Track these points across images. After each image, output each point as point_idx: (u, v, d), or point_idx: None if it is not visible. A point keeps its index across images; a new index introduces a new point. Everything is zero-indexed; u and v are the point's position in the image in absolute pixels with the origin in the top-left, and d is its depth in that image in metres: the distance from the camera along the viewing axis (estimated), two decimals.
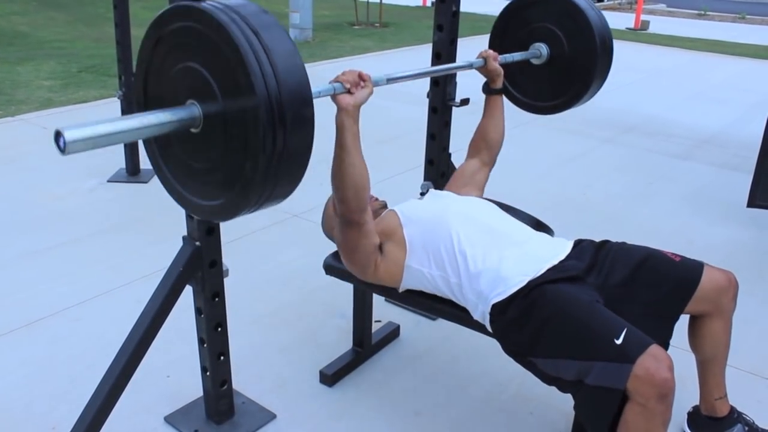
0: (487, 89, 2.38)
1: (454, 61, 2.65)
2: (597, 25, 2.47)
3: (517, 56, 2.49)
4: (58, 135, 1.23)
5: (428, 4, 16.78)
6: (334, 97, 1.73)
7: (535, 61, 2.58)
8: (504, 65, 2.35)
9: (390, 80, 1.94)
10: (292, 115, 1.36)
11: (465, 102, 2.69)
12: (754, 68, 9.57)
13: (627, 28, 13.47)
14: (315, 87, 1.58)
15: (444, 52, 2.63)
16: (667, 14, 17.78)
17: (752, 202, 3.73)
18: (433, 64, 2.66)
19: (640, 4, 14.29)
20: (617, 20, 14.19)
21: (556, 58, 2.55)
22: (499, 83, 2.35)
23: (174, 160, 1.59)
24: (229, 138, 1.41)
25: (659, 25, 14.10)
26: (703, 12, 17.64)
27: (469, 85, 2.44)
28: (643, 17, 14.01)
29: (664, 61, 9.88)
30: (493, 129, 2.38)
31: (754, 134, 4.23)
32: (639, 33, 13.09)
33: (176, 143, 1.55)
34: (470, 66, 2.30)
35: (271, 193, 1.44)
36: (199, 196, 1.56)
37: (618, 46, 2.66)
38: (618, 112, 6.49)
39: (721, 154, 5.38)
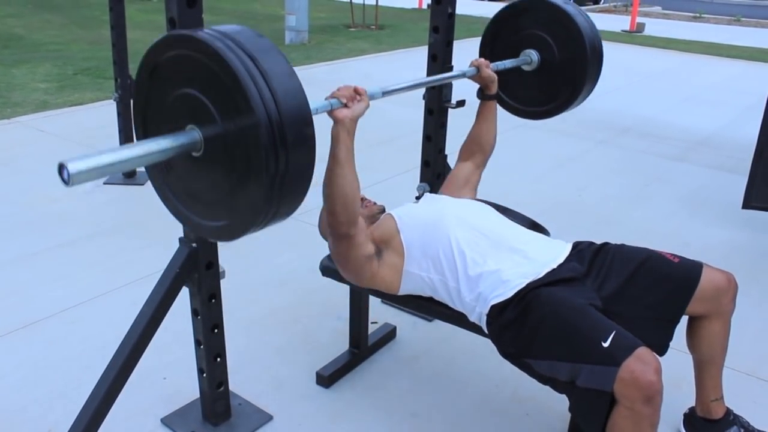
0: (482, 95, 2.39)
1: (450, 62, 2.65)
2: (587, 31, 2.48)
3: (508, 63, 2.51)
4: (61, 167, 1.25)
5: (424, 6, 16.78)
6: (330, 112, 1.74)
7: (525, 68, 2.60)
8: (495, 72, 2.37)
9: (386, 93, 1.95)
10: (293, 135, 1.37)
11: (461, 104, 2.70)
12: (749, 70, 9.61)
13: (622, 31, 13.49)
14: (313, 104, 1.60)
15: (440, 53, 2.63)
16: (663, 17, 17.82)
17: (747, 204, 3.74)
18: (429, 65, 2.67)
19: (635, 6, 14.32)
20: (613, 23, 14.23)
21: (546, 64, 2.57)
22: (493, 89, 2.36)
23: (177, 183, 1.60)
24: (231, 160, 1.43)
25: (655, 27, 14.13)
26: (698, 14, 17.68)
27: (466, 87, 2.44)
28: (639, 19, 14.03)
29: (659, 64, 9.90)
30: (486, 133, 2.40)
31: (748, 136, 4.24)
32: (634, 35, 13.11)
33: (179, 167, 1.56)
34: (463, 75, 2.32)
35: (276, 212, 1.46)
36: (204, 217, 1.57)
37: (613, 48, 2.68)
38: (613, 114, 6.51)
39: (717, 156, 5.39)
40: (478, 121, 2.41)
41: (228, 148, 1.42)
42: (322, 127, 1.46)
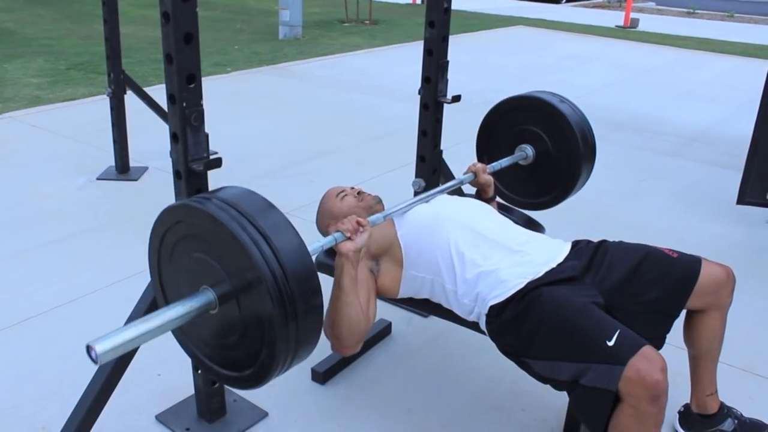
0: (480, 198, 2.37)
1: (445, 57, 2.64)
2: (576, 123, 2.50)
3: (504, 162, 2.53)
4: (89, 349, 1.32)
5: (418, 1, 16.78)
6: (336, 246, 1.77)
7: (522, 162, 2.62)
8: (493, 173, 2.38)
9: (387, 216, 1.98)
10: (300, 291, 1.42)
11: (456, 99, 2.69)
12: (743, 66, 9.62)
13: (616, 26, 13.51)
14: (318, 242, 1.70)
15: (435, 48, 2.62)
16: (657, 12, 17.85)
17: (742, 200, 3.75)
18: (425, 60, 2.66)
19: (629, 2, 14.34)
20: (607, 18, 14.26)
21: (542, 156, 2.59)
22: (490, 193, 2.35)
23: (197, 337, 1.65)
24: (245, 318, 1.47)
25: (648, 23, 14.16)
26: (692, 10, 17.72)
27: (461, 81, 2.44)
28: (633, 15, 14.05)
29: (653, 59, 9.91)
30: None
31: (743, 132, 4.25)
32: (628, 31, 13.12)
33: (199, 323, 1.59)
34: (461, 183, 2.33)
35: (293, 359, 1.50)
36: (227, 368, 1.60)
37: (607, 44, 2.68)
38: (607, 110, 6.51)
39: (711, 152, 5.40)
40: None
41: (241, 307, 1.48)
42: (317, 125, 1.46)
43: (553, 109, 2.50)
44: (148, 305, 1.88)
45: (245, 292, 1.44)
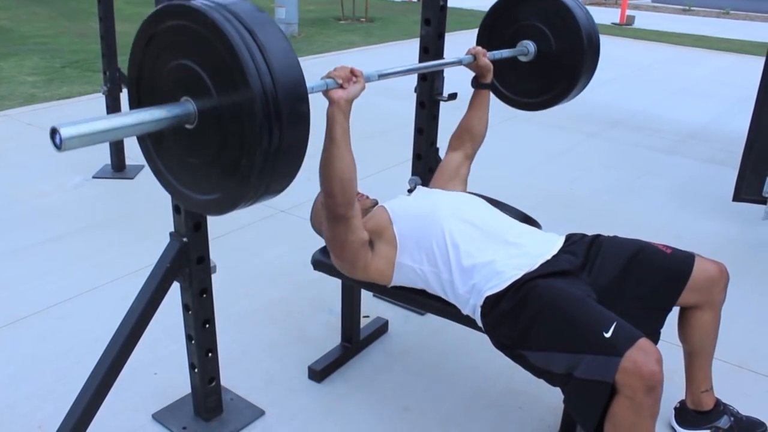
0: (477, 83, 2.39)
1: (441, 56, 2.64)
2: (584, 23, 2.48)
3: (505, 53, 2.51)
4: (54, 132, 1.24)
5: None
6: (326, 92, 1.74)
7: (522, 58, 2.59)
8: (492, 62, 2.36)
9: (381, 76, 1.95)
10: (288, 111, 1.37)
11: (453, 96, 2.69)
12: (738, 63, 9.64)
13: (612, 23, 13.52)
14: (308, 83, 1.58)
15: (431, 46, 2.62)
16: (652, 9, 17.85)
17: (738, 197, 3.76)
18: (421, 59, 2.66)
19: None
20: (602, 15, 14.22)
21: (543, 55, 2.56)
22: (489, 78, 2.36)
23: (169, 156, 1.59)
24: (225, 134, 1.42)
25: (644, 20, 14.17)
26: (687, 7, 17.74)
27: (457, 80, 2.44)
28: (629, 12, 14.07)
29: (649, 56, 9.93)
30: (478, 122, 2.40)
31: (738, 129, 4.25)
32: (624, 28, 13.14)
33: (171, 139, 1.55)
34: (459, 62, 2.31)
35: (267, 188, 1.45)
36: (194, 190, 1.56)
37: (603, 41, 2.67)
38: (604, 107, 6.51)
39: (707, 149, 5.41)
40: (471, 110, 2.41)
41: (222, 122, 1.41)
42: (312, 124, 1.46)
43: (559, 3, 2.48)
44: (146, 303, 1.88)
45: (229, 107, 1.38)
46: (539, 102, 2.66)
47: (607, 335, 1.63)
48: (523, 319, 1.78)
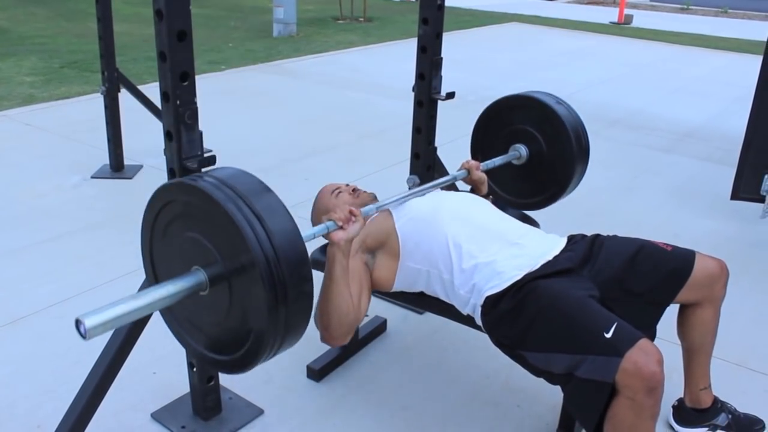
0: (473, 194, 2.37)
1: (439, 54, 2.65)
2: (570, 124, 2.51)
3: (498, 161, 2.54)
4: (78, 323, 1.32)
5: None
6: (326, 235, 1.77)
7: (515, 162, 2.62)
8: (486, 171, 2.38)
9: (380, 208, 1.99)
10: (291, 275, 1.42)
11: (450, 95, 2.69)
12: (737, 62, 9.65)
13: (611, 23, 13.52)
14: (310, 229, 1.71)
15: (429, 45, 2.62)
16: (651, 8, 17.85)
17: (735, 195, 3.76)
18: (419, 57, 2.66)
19: None
20: (601, 14, 14.27)
21: (535, 156, 2.59)
22: (484, 190, 2.35)
23: (188, 323, 1.65)
24: (235, 300, 1.47)
25: (642, 19, 14.17)
26: (685, 6, 17.74)
27: (455, 78, 2.44)
28: (627, 11, 14.06)
29: (647, 55, 9.92)
30: None
31: (736, 128, 4.26)
32: (623, 27, 13.13)
33: (188, 305, 1.59)
34: (455, 178, 2.33)
35: (281, 346, 1.50)
36: (214, 351, 1.61)
37: (602, 40, 2.68)
38: (602, 106, 6.52)
39: (705, 148, 5.42)
40: None
41: (232, 289, 1.47)
42: (311, 123, 1.46)
43: (550, 110, 2.51)
44: None
45: (237, 273, 1.44)
46: (535, 202, 2.68)
47: (608, 336, 1.63)
48: (522, 319, 1.79)
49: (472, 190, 2.38)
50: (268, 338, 1.44)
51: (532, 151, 2.58)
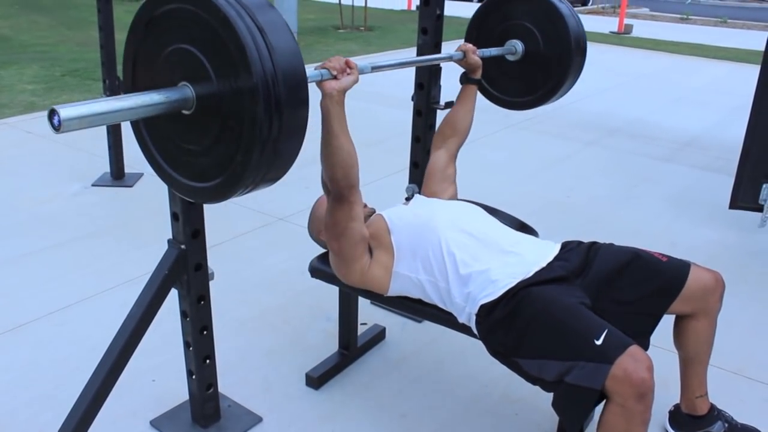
0: (465, 79, 2.43)
1: (438, 64, 2.66)
2: (572, 24, 2.51)
3: (493, 51, 2.54)
4: (52, 113, 1.25)
5: (413, 7, 16.80)
6: (319, 83, 1.75)
7: (510, 57, 2.63)
8: (480, 58, 2.40)
9: (375, 68, 1.97)
10: (288, 97, 1.36)
11: (449, 105, 2.70)
12: (736, 72, 9.67)
13: (611, 32, 13.55)
14: None
15: (428, 54, 2.64)
16: (650, 18, 17.91)
17: (734, 204, 3.77)
18: (418, 66, 2.68)
19: (623, 8, 14.39)
20: (601, 24, 14.29)
21: (530, 55, 2.60)
22: (478, 74, 2.40)
23: (165, 143, 1.59)
24: (223, 120, 1.41)
25: (642, 29, 14.21)
26: (685, 16, 17.79)
27: (454, 88, 2.45)
28: (627, 21, 14.10)
29: (647, 65, 9.95)
30: (464, 117, 2.42)
31: (735, 137, 4.27)
32: (622, 37, 13.17)
33: (166, 124, 1.54)
34: (450, 58, 2.35)
35: (264, 175, 1.45)
36: (191, 178, 1.56)
37: (602, 49, 2.70)
38: (602, 115, 6.53)
39: (704, 157, 5.43)
40: (457, 104, 2.44)
41: (221, 108, 1.41)
42: (309, 131, 1.47)
43: (552, 7, 2.51)
44: (144, 310, 1.89)
45: (229, 88, 1.37)
46: (523, 102, 2.69)
47: (598, 342, 1.64)
48: (516, 326, 1.79)
49: (465, 75, 2.41)
50: (253, 167, 1.39)
51: (528, 48, 2.59)
